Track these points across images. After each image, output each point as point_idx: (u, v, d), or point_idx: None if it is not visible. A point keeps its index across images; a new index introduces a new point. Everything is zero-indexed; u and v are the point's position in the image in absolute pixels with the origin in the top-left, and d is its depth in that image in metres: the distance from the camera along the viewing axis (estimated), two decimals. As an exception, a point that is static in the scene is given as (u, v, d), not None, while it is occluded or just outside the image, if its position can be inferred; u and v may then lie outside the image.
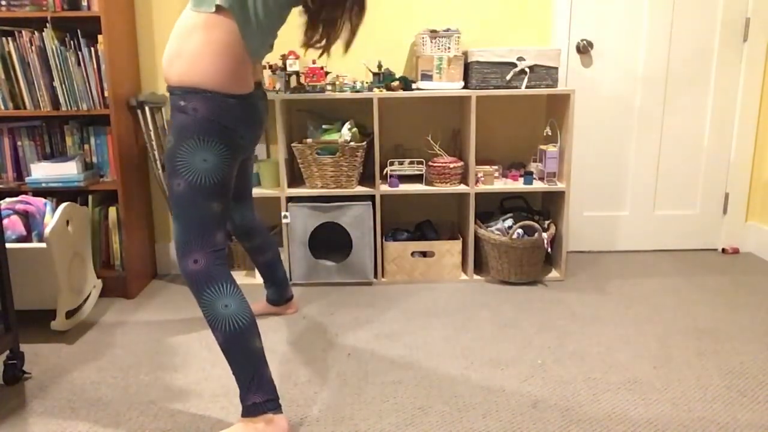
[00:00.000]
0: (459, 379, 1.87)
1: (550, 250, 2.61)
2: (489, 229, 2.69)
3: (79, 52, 2.44)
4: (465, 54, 2.65)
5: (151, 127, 2.64)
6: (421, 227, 2.85)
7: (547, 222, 2.74)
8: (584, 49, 2.88)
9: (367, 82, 2.66)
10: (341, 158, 2.58)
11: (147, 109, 2.62)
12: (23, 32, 2.41)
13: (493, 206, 2.94)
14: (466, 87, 2.65)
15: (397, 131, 2.94)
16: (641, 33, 2.89)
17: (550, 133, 2.72)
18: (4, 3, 2.41)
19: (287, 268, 2.66)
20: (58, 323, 2.18)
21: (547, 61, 2.57)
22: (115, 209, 2.58)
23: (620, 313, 2.35)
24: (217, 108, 1.52)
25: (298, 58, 2.57)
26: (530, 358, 2.00)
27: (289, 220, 2.62)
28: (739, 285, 2.63)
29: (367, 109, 2.80)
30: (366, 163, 2.69)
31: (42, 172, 2.49)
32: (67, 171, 2.48)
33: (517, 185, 2.68)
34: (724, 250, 3.08)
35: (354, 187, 2.66)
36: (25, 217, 2.24)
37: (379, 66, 2.66)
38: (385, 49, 2.82)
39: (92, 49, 2.44)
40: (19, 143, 2.61)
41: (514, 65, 2.55)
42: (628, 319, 2.29)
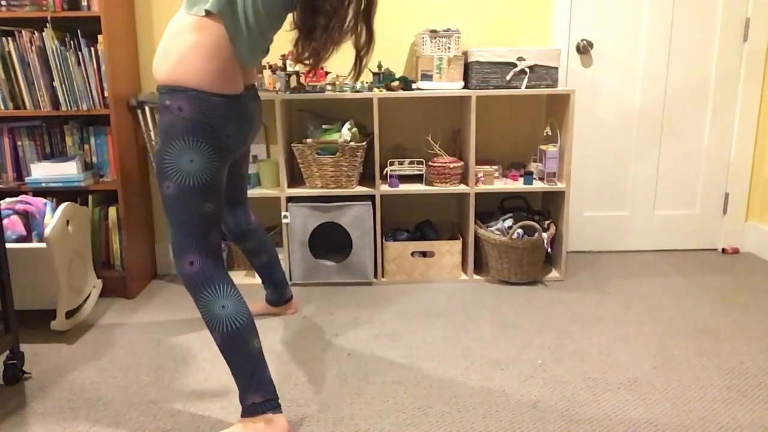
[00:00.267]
0: (459, 379, 1.87)
1: (550, 250, 2.61)
2: (489, 229, 2.69)
3: (79, 52, 2.44)
4: (465, 54, 2.65)
5: (151, 127, 2.64)
6: (421, 227, 2.84)
7: (547, 222, 2.74)
8: (584, 49, 2.88)
9: (367, 82, 2.65)
10: (341, 158, 2.58)
11: (147, 109, 2.62)
12: (23, 32, 2.41)
13: (493, 206, 2.94)
14: (466, 87, 2.64)
15: (397, 131, 2.94)
16: (641, 33, 2.89)
17: (550, 133, 2.72)
18: (4, 3, 2.41)
19: (287, 268, 2.66)
20: (58, 323, 2.18)
21: (547, 61, 2.57)
22: (115, 209, 2.58)
23: (620, 313, 2.35)
24: (203, 107, 1.50)
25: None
26: (530, 358, 2.00)
27: (289, 220, 2.62)
28: (739, 285, 2.63)
29: (367, 109, 2.80)
30: (366, 163, 2.69)
31: (42, 172, 2.49)
32: (67, 171, 2.48)
33: (517, 185, 2.68)
34: (724, 250, 3.08)
35: (354, 187, 2.65)
36: (25, 217, 2.25)
37: (379, 66, 2.66)
38: (385, 49, 2.81)
39: (92, 49, 2.44)
40: (19, 143, 2.61)
41: (514, 65, 2.55)
42: (628, 319, 2.29)
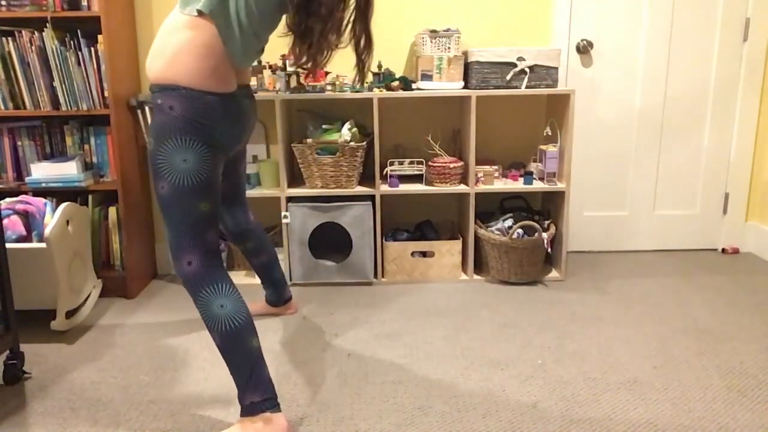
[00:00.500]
0: (459, 379, 1.87)
1: (550, 250, 2.61)
2: (489, 229, 2.69)
3: (79, 52, 2.44)
4: (465, 54, 2.65)
5: (151, 127, 2.64)
6: (421, 227, 2.84)
7: (547, 222, 2.74)
8: (584, 49, 2.88)
9: (367, 82, 2.65)
10: (341, 158, 2.58)
11: (147, 109, 2.62)
12: (23, 32, 2.41)
13: (493, 206, 2.94)
14: (466, 87, 2.64)
15: (397, 131, 2.94)
16: (641, 33, 2.89)
17: (550, 133, 2.72)
18: (4, 3, 2.41)
19: (287, 268, 2.66)
20: (58, 323, 2.18)
21: (547, 61, 2.57)
22: (115, 209, 2.58)
23: (620, 313, 2.35)
24: (194, 105, 1.49)
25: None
26: (530, 358, 2.00)
27: (289, 220, 2.62)
28: (739, 285, 2.63)
29: (367, 109, 2.80)
30: (366, 163, 2.69)
31: (42, 172, 2.49)
32: (67, 171, 2.48)
33: (517, 185, 2.68)
34: (724, 250, 3.08)
35: (354, 187, 2.65)
36: (25, 217, 2.25)
37: (379, 66, 2.66)
38: (385, 49, 2.81)
39: (92, 49, 2.44)
40: (19, 143, 2.61)
41: (514, 65, 2.55)
42: (628, 319, 2.29)
